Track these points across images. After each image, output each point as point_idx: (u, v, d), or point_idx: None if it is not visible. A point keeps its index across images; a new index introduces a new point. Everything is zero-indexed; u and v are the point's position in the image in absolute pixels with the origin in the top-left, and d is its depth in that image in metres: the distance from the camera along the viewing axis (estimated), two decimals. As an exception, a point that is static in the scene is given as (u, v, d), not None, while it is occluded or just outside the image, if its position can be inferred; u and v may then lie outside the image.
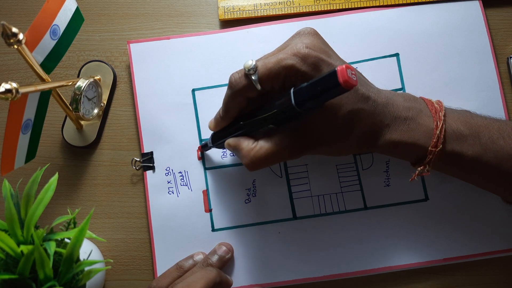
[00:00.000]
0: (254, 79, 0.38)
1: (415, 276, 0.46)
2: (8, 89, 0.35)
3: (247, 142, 0.40)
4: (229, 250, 0.45)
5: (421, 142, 0.38)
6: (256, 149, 0.39)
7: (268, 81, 0.38)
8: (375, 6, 0.49)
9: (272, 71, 0.37)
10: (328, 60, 0.37)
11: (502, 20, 0.49)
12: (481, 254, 0.45)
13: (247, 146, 0.39)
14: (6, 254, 0.35)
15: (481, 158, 0.38)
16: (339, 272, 0.45)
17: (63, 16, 0.41)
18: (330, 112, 0.37)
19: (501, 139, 0.38)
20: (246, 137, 0.40)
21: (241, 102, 0.40)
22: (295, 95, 0.35)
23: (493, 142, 0.38)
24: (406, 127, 0.38)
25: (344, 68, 0.32)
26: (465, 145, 0.38)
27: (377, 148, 0.39)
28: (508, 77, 0.48)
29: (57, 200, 0.48)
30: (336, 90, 0.33)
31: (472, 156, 0.38)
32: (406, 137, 0.38)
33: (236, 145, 0.40)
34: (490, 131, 0.39)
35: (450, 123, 0.39)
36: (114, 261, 0.47)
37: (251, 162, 0.39)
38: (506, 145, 0.38)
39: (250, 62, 0.37)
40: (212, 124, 0.43)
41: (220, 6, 0.50)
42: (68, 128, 0.49)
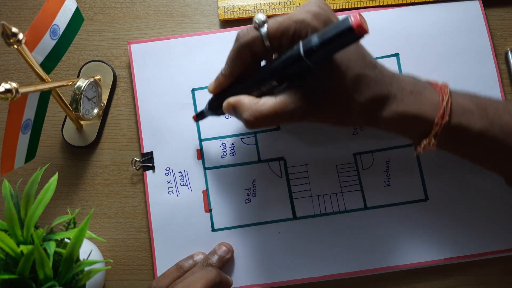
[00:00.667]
0: (264, 32, 0.37)
1: (415, 276, 0.46)
2: (8, 89, 0.35)
3: (249, 99, 0.38)
4: (229, 250, 0.45)
5: (427, 114, 0.37)
6: (260, 103, 0.37)
7: (277, 35, 0.37)
8: (375, 6, 0.49)
9: (282, 25, 0.37)
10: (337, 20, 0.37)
11: (502, 20, 0.49)
12: (481, 254, 0.45)
13: (250, 101, 0.38)
14: (6, 254, 0.35)
15: (487, 132, 0.38)
16: (339, 272, 0.45)
17: (63, 16, 0.41)
18: (337, 72, 0.36)
19: (507, 115, 0.38)
20: (246, 95, 0.39)
21: (246, 57, 0.38)
22: (304, 45, 0.34)
23: (500, 117, 0.38)
24: (413, 98, 0.38)
25: (357, 15, 0.31)
26: (472, 118, 0.38)
27: (381, 119, 0.38)
28: (508, 77, 0.48)
29: (57, 200, 0.48)
30: (348, 36, 0.32)
31: (479, 129, 0.38)
32: (413, 109, 0.37)
33: (236, 101, 0.38)
34: (496, 107, 0.38)
35: (456, 98, 0.38)
36: (114, 261, 0.47)
37: (252, 117, 0.37)
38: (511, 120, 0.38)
39: (261, 15, 0.37)
40: (212, 85, 0.41)
41: (220, 6, 0.50)
42: (68, 128, 0.49)
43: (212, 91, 0.42)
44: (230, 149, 0.48)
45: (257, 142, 0.48)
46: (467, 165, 0.46)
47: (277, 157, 0.47)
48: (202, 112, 0.44)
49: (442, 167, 0.46)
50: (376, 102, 0.37)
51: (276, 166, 0.47)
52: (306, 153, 0.47)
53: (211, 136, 0.48)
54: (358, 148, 0.47)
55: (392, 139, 0.47)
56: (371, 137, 0.47)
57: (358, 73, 0.37)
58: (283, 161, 0.47)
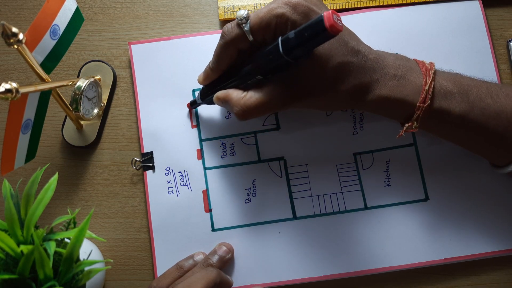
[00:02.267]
0: (246, 29, 0.38)
1: (415, 276, 0.46)
2: (8, 89, 0.35)
3: (237, 93, 0.40)
4: (229, 250, 0.45)
5: (409, 98, 0.38)
6: (246, 97, 0.39)
7: (259, 30, 0.38)
8: (375, 6, 0.49)
9: (263, 20, 0.38)
10: (317, 10, 0.38)
11: (502, 20, 0.49)
12: (481, 254, 0.45)
13: (237, 95, 0.40)
14: (6, 254, 0.35)
15: (468, 115, 0.39)
16: (339, 272, 0.45)
17: (63, 16, 0.41)
18: (319, 63, 0.37)
19: (488, 98, 0.39)
20: (235, 89, 0.41)
21: (232, 53, 0.40)
22: (283, 43, 0.36)
23: (480, 100, 0.39)
24: (396, 83, 0.39)
25: (330, 13, 0.32)
26: (453, 102, 0.39)
27: (366, 104, 0.40)
28: (508, 77, 0.48)
29: (57, 200, 0.48)
30: (322, 35, 0.33)
31: (459, 113, 0.39)
32: (395, 93, 0.39)
33: (225, 96, 0.41)
34: (479, 89, 0.39)
35: (439, 81, 0.39)
36: (114, 261, 0.47)
37: (241, 111, 0.39)
38: (493, 103, 0.39)
39: (243, 11, 0.38)
40: (202, 77, 0.44)
41: (220, 6, 0.50)
42: (68, 128, 0.49)
43: (201, 82, 0.44)
44: (230, 149, 0.48)
45: (257, 142, 0.48)
46: (467, 165, 0.46)
47: (277, 157, 0.47)
48: (195, 100, 0.47)
49: (442, 167, 0.46)
50: (359, 88, 0.39)
51: (276, 166, 0.47)
52: (306, 153, 0.47)
53: (211, 136, 0.48)
54: (358, 148, 0.47)
55: (392, 139, 0.47)
56: (371, 137, 0.47)
57: (341, 61, 0.38)
58: (283, 161, 0.47)
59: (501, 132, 0.39)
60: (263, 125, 0.48)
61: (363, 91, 0.39)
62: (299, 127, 0.48)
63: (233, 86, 0.41)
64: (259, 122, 0.48)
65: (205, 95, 0.44)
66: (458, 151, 0.46)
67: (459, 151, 0.46)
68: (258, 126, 0.48)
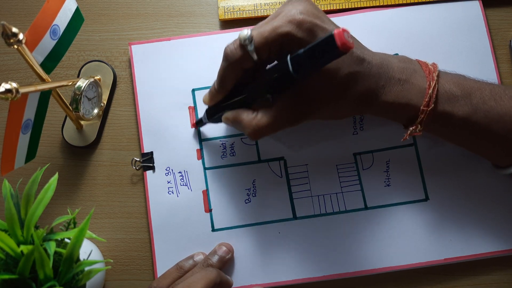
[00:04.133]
0: (250, 49, 0.37)
1: (415, 276, 0.46)
2: (8, 89, 0.35)
3: (247, 113, 0.40)
4: (229, 251, 0.45)
5: (413, 102, 0.39)
6: (257, 118, 0.39)
7: (264, 50, 0.37)
8: (375, 6, 0.49)
9: (268, 40, 0.37)
10: (322, 25, 0.37)
11: (502, 20, 0.49)
12: (481, 254, 0.45)
13: (247, 116, 0.39)
14: (6, 254, 0.35)
15: (471, 118, 0.39)
16: (339, 272, 0.45)
17: (63, 16, 0.41)
18: (327, 76, 0.37)
19: (492, 100, 0.39)
20: (244, 109, 0.40)
21: (237, 74, 0.39)
22: (292, 62, 0.35)
23: (484, 103, 0.39)
24: (400, 87, 0.39)
25: (341, 31, 0.32)
26: (456, 105, 0.39)
27: (372, 109, 0.40)
28: (509, 77, 0.48)
29: (57, 200, 0.48)
30: (334, 53, 0.33)
31: (463, 115, 0.39)
32: (400, 98, 0.39)
33: (235, 118, 0.40)
34: (482, 92, 0.39)
35: (443, 84, 0.39)
36: (114, 261, 0.47)
37: (253, 131, 0.39)
38: (497, 105, 0.39)
39: (246, 32, 0.37)
40: (207, 98, 0.43)
41: (220, 6, 0.50)
42: (68, 128, 0.49)
43: (206, 103, 0.43)
44: (230, 149, 0.48)
45: (257, 142, 0.48)
46: (467, 165, 0.46)
47: (277, 157, 0.47)
48: (201, 120, 0.46)
49: (442, 167, 0.46)
50: (366, 95, 0.39)
51: (276, 166, 0.47)
52: (306, 153, 0.47)
53: (211, 136, 0.48)
54: (358, 148, 0.47)
55: (392, 140, 0.47)
56: (371, 137, 0.47)
57: (347, 72, 0.38)
58: (283, 161, 0.47)
59: (504, 134, 0.39)
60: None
61: (370, 97, 0.39)
62: (299, 127, 0.47)
63: (240, 106, 0.41)
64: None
65: (212, 115, 0.43)
66: (458, 151, 0.46)
67: (459, 151, 0.46)
68: (258, 126, 0.48)
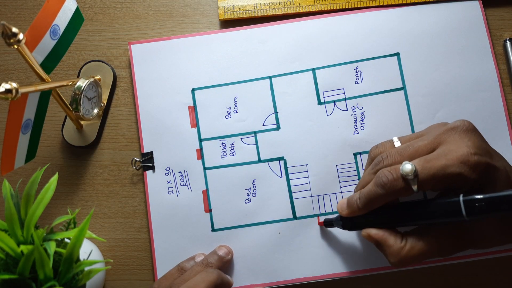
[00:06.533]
0: (413, 183, 0.36)
1: (415, 276, 0.46)
2: (8, 89, 0.35)
3: (394, 239, 0.37)
4: (229, 252, 0.45)
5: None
6: (406, 248, 0.37)
7: (428, 185, 0.36)
8: (375, 6, 0.49)
9: (435, 178, 0.35)
10: (495, 164, 0.35)
11: (502, 20, 0.49)
12: (481, 254, 0.45)
13: (395, 244, 0.37)
14: (6, 254, 0.35)
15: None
16: (339, 272, 0.45)
17: (63, 16, 0.41)
18: (498, 221, 0.35)
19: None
20: (391, 231, 0.38)
21: (389, 200, 0.38)
22: (467, 206, 0.34)
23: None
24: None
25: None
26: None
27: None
28: (508, 77, 0.48)
29: (57, 200, 0.48)
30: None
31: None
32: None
33: (381, 240, 0.38)
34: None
35: None
36: (114, 261, 0.47)
37: (399, 262, 0.37)
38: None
39: (410, 167, 0.35)
40: (345, 209, 0.40)
41: (220, 6, 0.50)
42: (68, 128, 0.49)
43: (343, 214, 0.41)
44: (230, 149, 0.48)
45: (257, 142, 0.48)
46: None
47: (277, 157, 0.47)
48: (331, 222, 0.43)
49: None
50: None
51: (276, 166, 0.47)
52: (306, 153, 0.47)
53: (211, 136, 0.48)
54: (358, 148, 0.47)
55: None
56: (371, 137, 0.47)
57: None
58: (283, 161, 0.47)
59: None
60: (263, 125, 0.48)
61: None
62: (299, 127, 0.48)
63: (386, 225, 0.39)
64: (259, 122, 0.48)
65: (350, 226, 0.41)
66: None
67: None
68: (258, 126, 0.48)
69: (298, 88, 0.48)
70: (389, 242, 0.37)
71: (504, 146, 0.46)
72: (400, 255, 0.37)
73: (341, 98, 0.48)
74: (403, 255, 0.37)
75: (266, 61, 0.49)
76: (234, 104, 0.48)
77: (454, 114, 0.47)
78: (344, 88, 0.48)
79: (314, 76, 0.48)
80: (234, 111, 0.48)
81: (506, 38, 0.48)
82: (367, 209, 0.39)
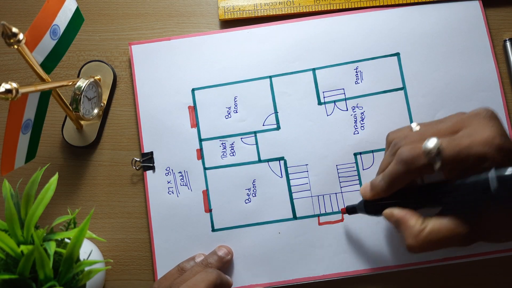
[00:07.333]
0: (436, 160, 0.35)
1: (415, 276, 0.46)
2: (8, 89, 0.35)
3: (415, 221, 0.37)
4: (229, 252, 0.45)
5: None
6: (426, 231, 0.36)
7: (451, 164, 0.35)
8: (375, 6, 0.49)
9: (460, 156, 0.34)
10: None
11: (502, 20, 0.49)
12: (481, 254, 0.45)
13: (415, 225, 0.36)
14: (6, 254, 0.35)
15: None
16: (339, 272, 0.45)
17: (63, 16, 0.41)
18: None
19: None
20: (412, 212, 0.37)
21: (412, 179, 0.37)
22: (500, 181, 0.33)
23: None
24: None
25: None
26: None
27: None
28: (508, 77, 0.48)
29: (57, 200, 0.48)
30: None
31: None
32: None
33: (403, 220, 0.37)
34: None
35: None
36: (114, 261, 0.47)
37: (418, 245, 0.36)
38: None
39: (435, 141, 0.35)
40: (368, 192, 0.40)
41: (220, 6, 0.50)
42: (68, 128, 0.49)
43: (366, 197, 0.40)
44: (230, 149, 0.48)
45: (257, 142, 0.48)
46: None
47: (277, 157, 0.47)
48: (355, 208, 0.43)
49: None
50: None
51: (276, 166, 0.47)
52: (306, 153, 0.47)
53: (211, 136, 0.48)
54: (358, 148, 0.47)
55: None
56: (371, 137, 0.47)
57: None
58: (283, 161, 0.47)
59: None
60: (263, 125, 0.48)
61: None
62: (299, 127, 0.48)
63: (408, 206, 0.38)
64: (259, 122, 0.48)
65: (372, 210, 0.41)
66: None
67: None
68: (258, 126, 0.48)
69: (298, 88, 0.48)
70: (410, 222, 0.37)
71: (504, 146, 0.46)
72: (419, 237, 0.36)
73: (341, 98, 0.48)
74: (422, 238, 0.36)
75: (266, 61, 0.49)
76: (234, 104, 0.48)
77: (454, 114, 0.47)
78: (344, 88, 0.48)
79: (314, 76, 0.48)
80: (234, 111, 0.48)
81: (506, 38, 0.48)
82: (390, 190, 0.38)
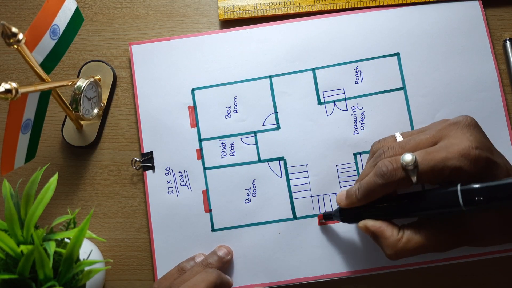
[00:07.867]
0: (412, 174, 0.35)
1: (415, 276, 0.46)
2: (8, 89, 0.35)
3: (391, 231, 0.37)
4: (229, 252, 0.45)
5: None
6: (403, 241, 0.36)
7: (427, 177, 0.36)
8: (375, 6, 0.49)
9: (435, 169, 0.35)
10: (495, 160, 0.35)
11: (502, 20, 0.49)
12: (481, 254, 0.45)
13: (392, 236, 0.37)
14: (6, 254, 0.35)
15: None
16: (339, 272, 0.45)
17: (63, 16, 0.41)
18: (497, 214, 0.35)
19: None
20: (388, 223, 0.38)
21: (388, 191, 0.37)
22: (464, 194, 0.34)
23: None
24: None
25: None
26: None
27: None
28: (508, 77, 0.48)
29: (57, 200, 0.48)
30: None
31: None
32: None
33: (378, 232, 0.38)
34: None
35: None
36: (114, 261, 0.47)
37: (395, 254, 0.37)
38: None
39: (410, 157, 0.35)
40: (343, 201, 0.40)
41: (220, 6, 0.50)
42: (68, 128, 0.49)
43: (341, 205, 0.41)
44: (230, 149, 0.48)
45: (257, 142, 0.48)
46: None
47: (277, 157, 0.47)
48: (330, 215, 0.43)
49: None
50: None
51: (276, 166, 0.47)
52: (306, 153, 0.47)
53: (211, 136, 0.48)
54: (358, 148, 0.47)
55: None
56: (371, 137, 0.47)
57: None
58: (283, 161, 0.47)
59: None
60: (263, 125, 0.48)
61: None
62: (299, 127, 0.48)
63: (383, 217, 0.38)
64: (259, 122, 0.48)
65: (348, 218, 0.41)
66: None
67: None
68: (258, 126, 0.48)
69: (298, 88, 0.48)
70: (386, 234, 0.37)
71: (504, 146, 0.46)
72: (396, 248, 0.36)
73: (341, 98, 0.48)
74: (399, 248, 0.36)
75: (266, 61, 0.49)
76: (234, 104, 0.48)
77: (454, 114, 0.46)
78: (344, 88, 0.48)
79: (314, 76, 0.48)
80: (234, 111, 0.48)
81: (506, 38, 0.48)
82: (365, 200, 0.38)
